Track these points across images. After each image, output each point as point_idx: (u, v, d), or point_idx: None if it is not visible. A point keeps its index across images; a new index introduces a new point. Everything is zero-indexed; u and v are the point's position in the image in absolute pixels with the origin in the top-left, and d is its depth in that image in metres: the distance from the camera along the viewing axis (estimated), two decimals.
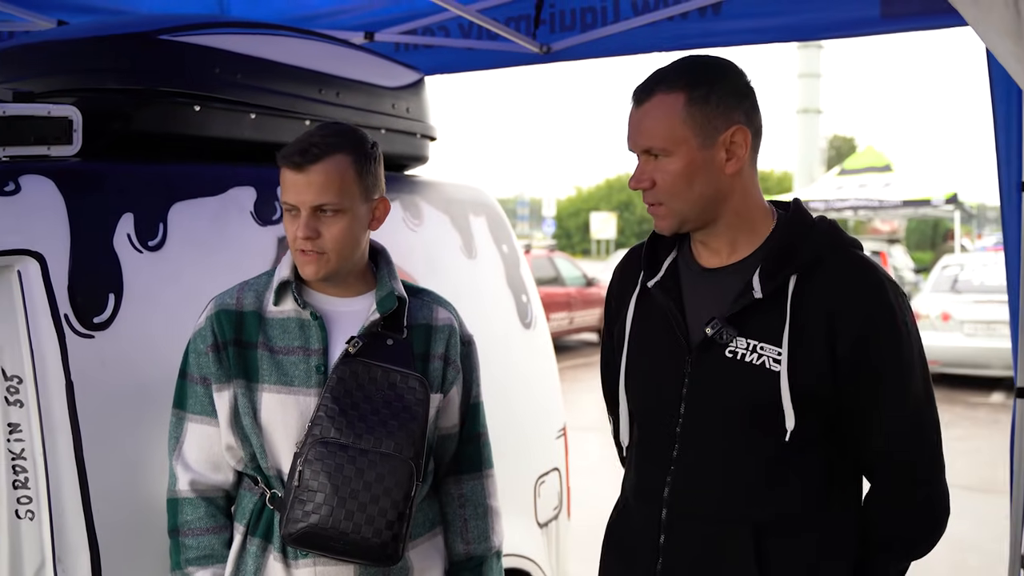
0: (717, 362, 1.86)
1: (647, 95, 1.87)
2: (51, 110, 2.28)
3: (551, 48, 3.86)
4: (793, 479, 1.85)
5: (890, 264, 17.80)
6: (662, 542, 1.91)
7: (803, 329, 1.81)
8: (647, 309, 2.00)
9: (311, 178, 2.01)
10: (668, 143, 1.84)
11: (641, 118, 1.87)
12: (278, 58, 2.81)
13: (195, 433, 2.11)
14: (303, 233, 2.01)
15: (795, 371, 1.79)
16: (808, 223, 1.92)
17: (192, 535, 2.08)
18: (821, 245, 1.88)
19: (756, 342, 1.83)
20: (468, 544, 2.25)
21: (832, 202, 20.01)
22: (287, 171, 2.03)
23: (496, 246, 3.45)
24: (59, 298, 2.10)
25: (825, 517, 1.87)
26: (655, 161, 1.86)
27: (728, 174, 1.86)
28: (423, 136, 3.35)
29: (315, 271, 2.06)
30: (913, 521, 1.90)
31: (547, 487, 3.48)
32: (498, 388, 3.23)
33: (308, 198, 2.01)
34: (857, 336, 1.80)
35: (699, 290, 1.95)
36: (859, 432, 1.86)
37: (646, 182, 1.88)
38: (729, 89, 1.86)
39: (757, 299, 1.83)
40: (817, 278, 1.83)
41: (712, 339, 1.86)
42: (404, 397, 2.03)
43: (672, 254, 2.01)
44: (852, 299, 1.82)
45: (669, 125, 1.83)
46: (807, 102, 32.27)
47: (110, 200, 2.26)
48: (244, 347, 2.08)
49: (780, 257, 1.85)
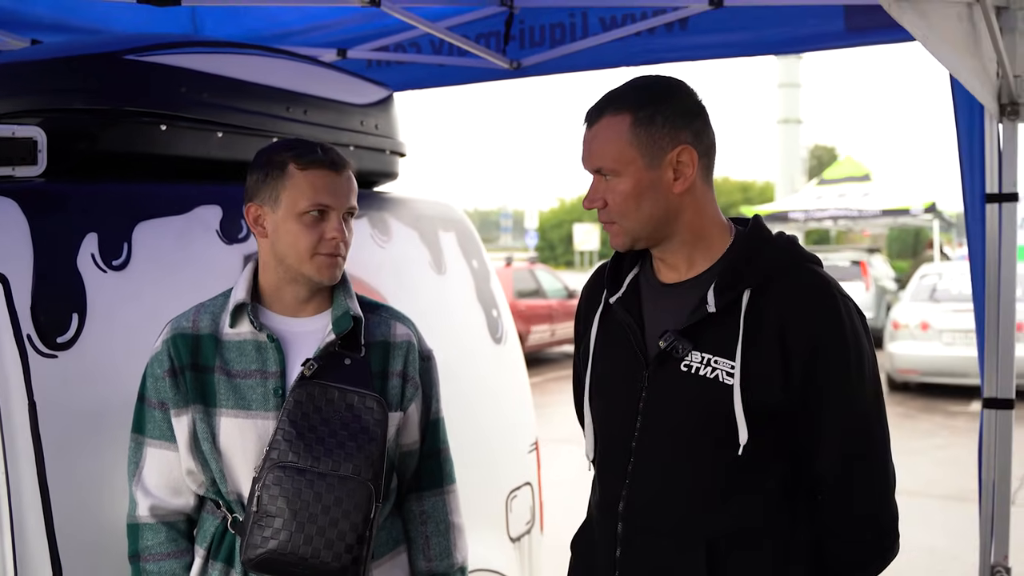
0: (672, 376, 1.88)
1: (597, 117, 1.90)
2: (15, 131, 2.29)
3: (521, 64, 3.89)
4: (747, 493, 1.86)
5: (870, 273, 17.90)
6: (618, 555, 1.92)
7: (756, 343, 1.82)
8: (609, 325, 2.03)
9: (348, 183, 2.08)
10: (616, 164, 1.87)
11: (591, 139, 1.91)
12: (245, 76, 2.83)
13: (154, 458, 2.10)
14: (342, 235, 2.05)
15: (748, 385, 1.81)
16: (765, 238, 1.94)
17: (153, 560, 2.07)
18: (777, 260, 1.90)
19: (710, 356, 1.85)
20: (430, 561, 2.24)
21: (812, 212, 20.11)
22: (320, 171, 2.05)
23: (466, 261, 3.47)
24: (22, 318, 2.09)
25: (781, 532, 1.87)
26: (606, 182, 1.89)
27: (676, 193, 1.88)
28: (392, 152, 3.36)
29: (337, 274, 2.09)
30: (858, 546, 1.90)
31: (519, 501, 3.49)
32: (468, 403, 3.25)
33: (344, 201, 2.07)
34: (807, 352, 1.81)
35: (658, 305, 1.97)
36: (806, 450, 1.87)
37: (599, 202, 1.91)
38: (677, 109, 1.87)
39: (711, 313, 1.85)
40: (771, 293, 1.85)
41: (667, 352, 1.87)
42: (362, 418, 2.02)
43: (634, 271, 2.03)
44: (804, 314, 1.83)
45: (616, 146, 1.86)
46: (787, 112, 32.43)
47: (74, 220, 2.27)
48: (201, 371, 2.07)
49: (735, 272, 1.87)
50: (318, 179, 2.04)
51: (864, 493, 1.87)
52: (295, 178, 2.04)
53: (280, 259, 2.08)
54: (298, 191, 2.04)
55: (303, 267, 2.06)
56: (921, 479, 8.05)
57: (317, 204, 2.04)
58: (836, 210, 20.07)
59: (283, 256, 2.08)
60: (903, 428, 10.42)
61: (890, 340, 12.85)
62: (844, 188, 21.04)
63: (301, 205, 2.04)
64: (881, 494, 1.88)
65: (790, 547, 1.87)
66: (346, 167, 2.09)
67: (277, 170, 2.06)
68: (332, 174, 2.06)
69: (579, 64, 3.84)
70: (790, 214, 20.30)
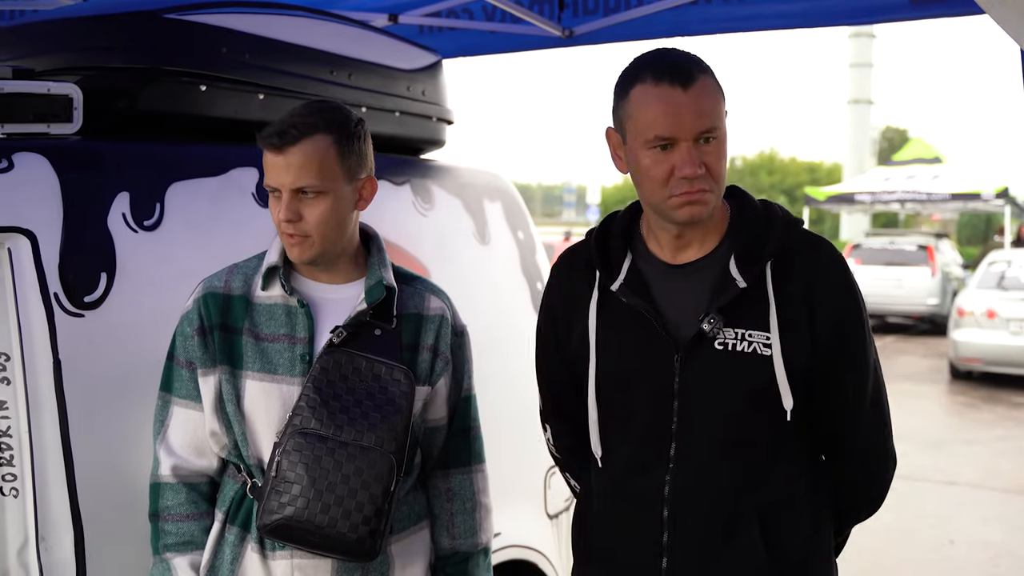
0: (708, 356, 1.85)
1: (691, 78, 1.76)
2: (51, 88, 2.27)
3: (574, 32, 3.81)
4: (793, 458, 1.90)
5: (937, 259, 17.50)
6: (666, 540, 1.88)
7: (786, 313, 1.83)
8: (612, 313, 1.93)
9: (290, 160, 1.96)
10: (720, 122, 1.81)
11: (697, 98, 1.75)
12: (288, 38, 2.79)
13: (180, 417, 2.08)
14: (284, 216, 1.98)
15: (786, 351, 1.82)
16: (762, 208, 1.94)
17: (172, 521, 2.06)
18: (784, 230, 1.90)
19: (744, 331, 1.84)
20: (454, 539, 2.19)
21: (879, 194, 19.69)
22: (268, 153, 1.99)
23: (511, 232, 3.40)
24: (49, 276, 2.08)
25: (817, 489, 1.94)
26: (703, 145, 1.76)
27: None
28: (439, 119, 3.31)
29: (300, 254, 2.02)
30: (877, 484, 2.00)
31: (558, 478, 3.42)
32: (509, 377, 3.19)
33: (288, 180, 1.97)
34: (834, 315, 1.86)
35: (670, 287, 1.91)
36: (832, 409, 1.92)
37: (702, 167, 1.77)
38: None
39: (742, 288, 1.83)
40: (792, 261, 1.86)
41: (704, 333, 1.84)
42: (388, 389, 1.98)
43: (629, 255, 1.94)
44: (828, 279, 1.87)
45: (720, 106, 1.81)
46: (858, 92, 31.80)
47: (105, 178, 2.25)
48: (230, 332, 2.04)
49: (752, 246, 1.86)
50: (267, 158, 1.99)
51: (883, 434, 1.97)
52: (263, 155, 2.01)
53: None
54: (264, 169, 2.02)
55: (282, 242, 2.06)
56: (980, 470, 7.86)
57: (268, 184, 2.01)
58: (904, 193, 19.64)
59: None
60: (964, 418, 10.19)
61: (954, 328, 12.54)
62: (913, 170, 20.59)
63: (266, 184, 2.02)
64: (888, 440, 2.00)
65: (820, 505, 1.95)
66: (292, 144, 1.96)
67: None
68: (274, 154, 1.97)
69: (633, 33, 3.75)
70: (856, 196, 19.92)
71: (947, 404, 11.36)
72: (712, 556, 1.88)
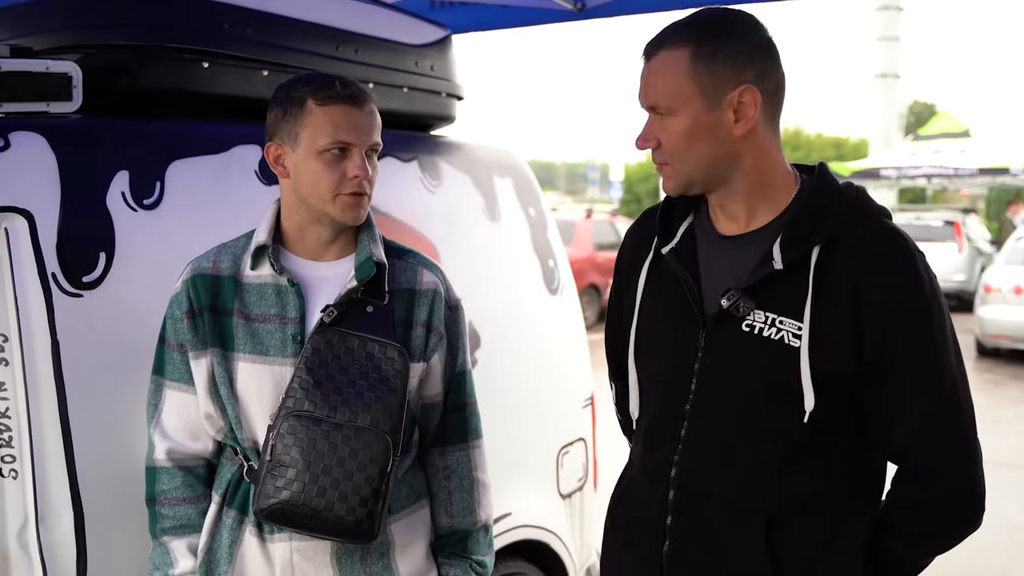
0: (733, 336, 1.76)
1: (655, 50, 1.78)
2: (50, 66, 2.23)
3: (586, 5, 3.75)
4: (809, 463, 1.75)
5: (964, 234, 17.30)
6: (669, 523, 1.83)
7: (826, 303, 1.70)
8: (660, 277, 1.90)
9: (370, 118, 1.98)
10: (672, 101, 1.74)
11: (647, 74, 1.78)
12: (292, 14, 2.75)
13: (173, 400, 2.06)
14: (365, 173, 1.96)
15: (816, 348, 1.69)
16: (834, 189, 1.80)
17: (168, 504, 2.04)
18: (848, 214, 1.76)
19: (775, 315, 1.73)
20: (452, 517, 2.16)
21: (905, 169, 19.44)
22: (340, 106, 1.95)
23: (522, 209, 3.36)
24: (47, 256, 2.06)
25: (843, 503, 1.77)
26: (661, 120, 1.77)
27: (736, 136, 1.75)
28: (449, 95, 3.26)
29: (361, 215, 2.01)
30: (940, 519, 1.77)
31: (571, 457, 3.40)
32: (518, 355, 3.16)
33: (365, 137, 1.97)
34: (885, 312, 1.69)
35: (716, 259, 1.84)
36: (881, 420, 1.74)
37: (652, 141, 1.79)
38: (741, 46, 1.73)
39: (777, 270, 1.73)
40: (842, 249, 1.72)
41: (728, 311, 1.76)
42: (382, 368, 1.95)
43: (688, 219, 1.90)
44: (880, 274, 1.70)
45: (673, 82, 1.74)
46: (886, 66, 31.31)
47: (104, 157, 2.22)
48: (220, 314, 2.01)
49: (803, 226, 1.75)
50: (338, 114, 1.95)
51: (954, 463, 1.73)
52: (314, 114, 1.95)
53: (303, 200, 2.01)
54: (318, 128, 1.95)
55: (326, 207, 1.98)
56: (1005, 449, 7.76)
57: (338, 141, 1.95)
58: (931, 168, 19.37)
59: (305, 196, 2.00)
60: (992, 395, 10.07)
61: (981, 304, 12.39)
62: (940, 145, 20.30)
63: (321, 142, 1.95)
64: (972, 463, 1.74)
65: (851, 519, 1.77)
66: (367, 100, 1.99)
67: (295, 106, 1.98)
68: (352, 108, 1.96)
69: (647, 5, 3.68)
70: (881, 171, 19.68)
71: (974, 382, 11.05)
72: (711, 553, 1.80)
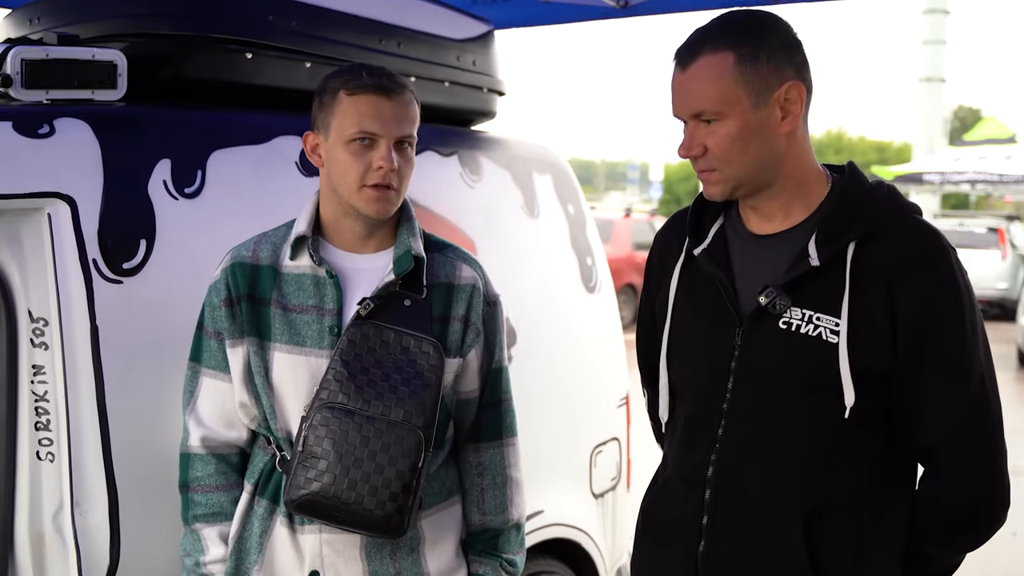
0: (770, 333, 1.77)
1: (692, 57, 1.77)
2: (95, 54, 2.25)
3: (628, 2, 3.72)
4: (846, 460, 1.77)
5: (1007, 241, 17.08)
6: (705, 523, 1.83)
7: (862, 299, 1.72)
8: (692, 278, 1.91)
9: (400, 108, 1.96)
10: (721, 105, 1.74)
11: (687, 81, 1.77)
12: (336, 6, 2.75)
13: (209, 388, 2.06)
14: (390, 164, 1.94)
15: (855, 343, 1.71)
16: (866, 188, 1.82)
17: (201, 491, 2.05)
18: (881, 211, 1.77)
19: (812, 312, 1.74)
20: (484, 515, 2.15)
21: (948, 174, 19.26)
22: (368, 96, 1.94)
23: (561, 206, 3.34)
24: (88, 242, 2.08)
25: (879, 500, 1.78)
26: (706, 126, 1.77)
27: (783, 133, 1.76)
28: (490, 90, 3.25)
29: (387, 209, 1.99)
30: (964, 518, 1.79)
31: (604, 457, 3.39)
32: (553, 352, 3.15)
33: (394, 128, 1.96)
34: (919, 311, 1.71)
35: (749, 258, 1.85)
36: (913, 414, 1.75)
37: (697, 148, 1.78)
38: (778, 44, 1.75)
39: (813, 267, 1.74)
40: (877, 245, 1.74)
41: (765, 309, 1.76)
42: (417, 362, 1.94)
43: (719, 220, 1.91)
44: (915, 270, 1.72)
45: (720, 87, 1.73)
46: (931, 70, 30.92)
47: (146, 145, 2.23)
48: (257, 303, 2.02)
49: (837, 223, 1.76)
50: (365, 104, 1.94)
51: (979, 462, 1.75)
52: (343, 103, 1.96)
53: (334, 190, 2.01)
54: (345, 117, 1.95)
55: (352, 199, 1.98)
56: None
57: (363, 131, 1.94)
58: (975, 173, 19.18)
59: (335, 187, 2.00)
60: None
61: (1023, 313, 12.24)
62: (985, 150, 20.06)
63: (347, 132, 1.95)
64: (996, 462, 1.75)
65: (887, 516, 1.78)
66: (399, 92, 1.97)
67: (329, 96, 1.99)
68: (380, 99, 1.95)
69: (689, 3, 3.65)
70: (924, 176, 19.49)
71: (1015, 392, 11.06)
72: (748, 551, 1.79)
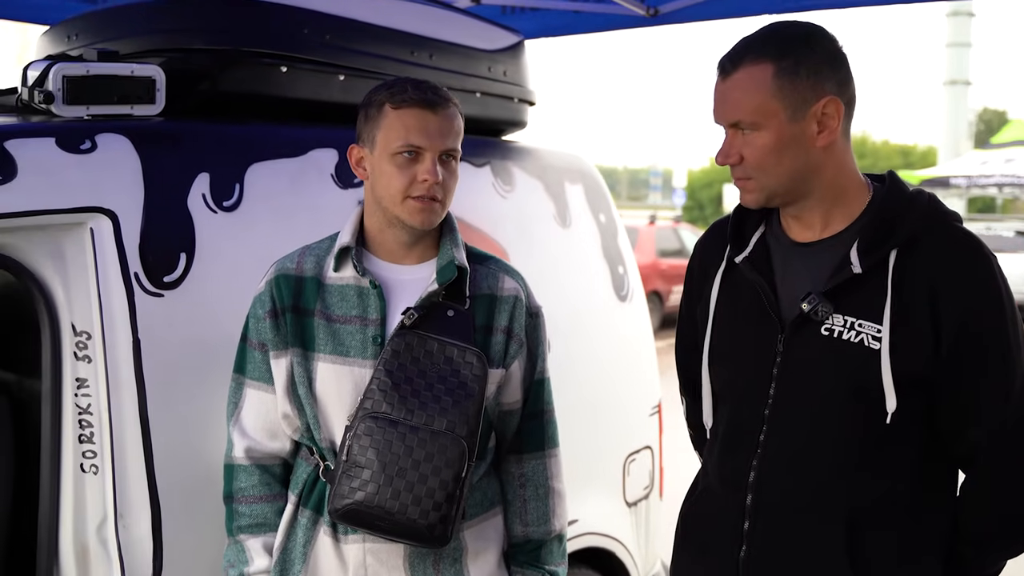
0: (812, 340, 1.78)
1: (734, 66, 1.79)
2: (134, 70, 2.29)
3: (659, 11, 3.74)
4: (890, 466, 1.77)
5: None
6: (746, 528, 1.84)
7: (905, 306, 1.73)
8: (734, 286, 1.92)
9: (445, 122, 1.99)
10: (757, 116, 1.76)
11: (728, 90, 1.80)
12: (369, 19, 2.78)
13: (253, 399, 2.08)
14: (435, 177, 1.96)
15: (896, 350, 1.72)
16: (907, 196, 1.83)
17: (245, 503, 2.06)
18: (922, 218, 1.78)
19: (854, 319, 1.76)
20: (527, 526, 2.15)
21: (975, 178, 19.14)
22: (414, 110, 1.97)
23: (593, 215, 3.35)
24: (130, 256, 2.11)
25: (920, 507, 1.79)
26: (743, 135, 1.79)
27: (819, 147, 1.77)
28: (521, 100, 3.26)
29: (432, 220, 2.01)
30: (1007, 524, 1.79)
31: (638, 465, 3.39)
32: (586, 361, 3.16)
33: (439, 142, 1.98)
34: (962, 314, 1.72)
35: (791, 265, 1.87)
36: (956, 421, 1.77)
37: (734, 157, 1.81)
38: (820, 58, 1.77)
39: (856, 274, 1.75)
40: (919, 252, 1.75)
41: (807, 315, 1.78)
42: (460, 372, 1.95)
43: (760, 228, 1.92)
44: (958, 276, 1.74)
45: (758, 98, 1.76)
46: (955, 73, 30.79)
47: (186, 159, 2.26)
48: (302, 314, 2.03)
49: (879, 230, 1.77)
50: (411, 118, 1.97)
51: (1018, 469, 1.75)
52: (389, 117, 1.98)
53: (378, 202, 2.03)
54: (391, 131, 1.98)
55: (396, 210, 2.00)
56: None
57: (408, 144, 1.96)
58: (1002, 177, 19.05)
59: (380, 199, 2.02)
60: None
61: None
62: (1012, 153, 19.92)
63: (393, 145, 1.97)
64: None
65: (929, 521, 1.80)
66: (444, 105, 2.00)
67: (375, 109, 2.01)
68: (426, 113, 1.97)
69: (720, 11, 3.66)
70: (951, 180, 19.38)
71: None
72: (789, 556, 1.80)
